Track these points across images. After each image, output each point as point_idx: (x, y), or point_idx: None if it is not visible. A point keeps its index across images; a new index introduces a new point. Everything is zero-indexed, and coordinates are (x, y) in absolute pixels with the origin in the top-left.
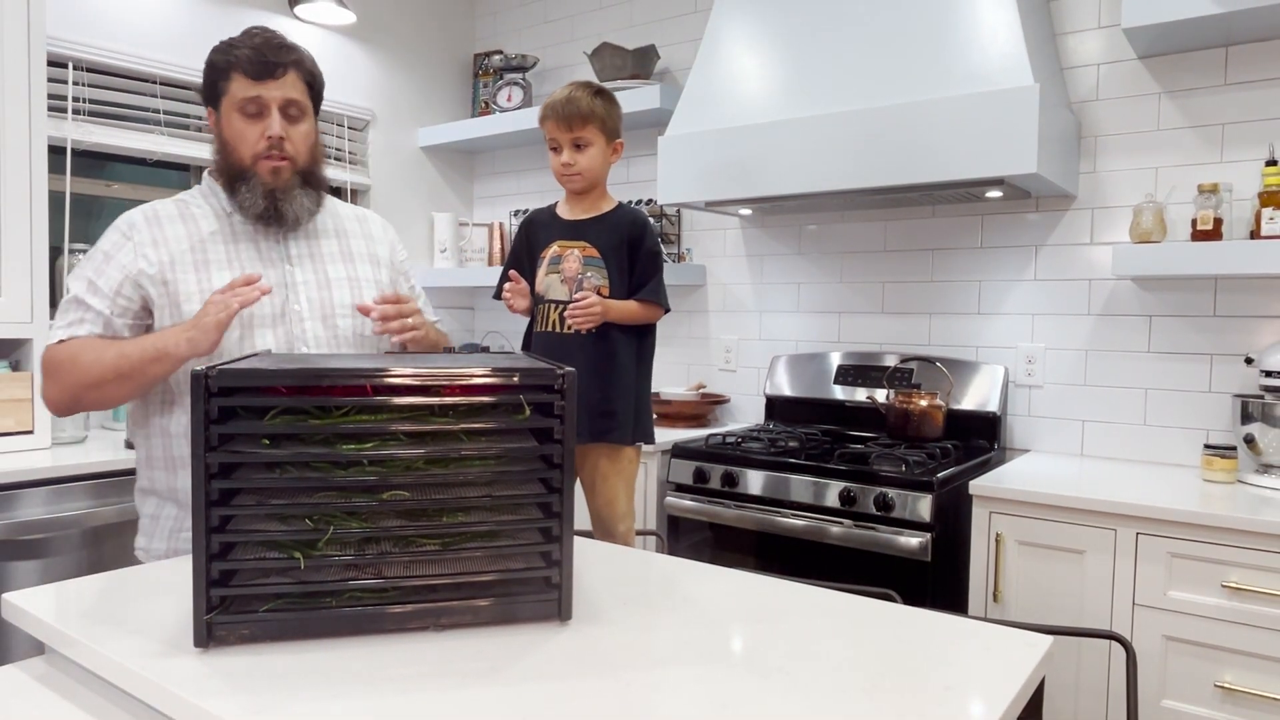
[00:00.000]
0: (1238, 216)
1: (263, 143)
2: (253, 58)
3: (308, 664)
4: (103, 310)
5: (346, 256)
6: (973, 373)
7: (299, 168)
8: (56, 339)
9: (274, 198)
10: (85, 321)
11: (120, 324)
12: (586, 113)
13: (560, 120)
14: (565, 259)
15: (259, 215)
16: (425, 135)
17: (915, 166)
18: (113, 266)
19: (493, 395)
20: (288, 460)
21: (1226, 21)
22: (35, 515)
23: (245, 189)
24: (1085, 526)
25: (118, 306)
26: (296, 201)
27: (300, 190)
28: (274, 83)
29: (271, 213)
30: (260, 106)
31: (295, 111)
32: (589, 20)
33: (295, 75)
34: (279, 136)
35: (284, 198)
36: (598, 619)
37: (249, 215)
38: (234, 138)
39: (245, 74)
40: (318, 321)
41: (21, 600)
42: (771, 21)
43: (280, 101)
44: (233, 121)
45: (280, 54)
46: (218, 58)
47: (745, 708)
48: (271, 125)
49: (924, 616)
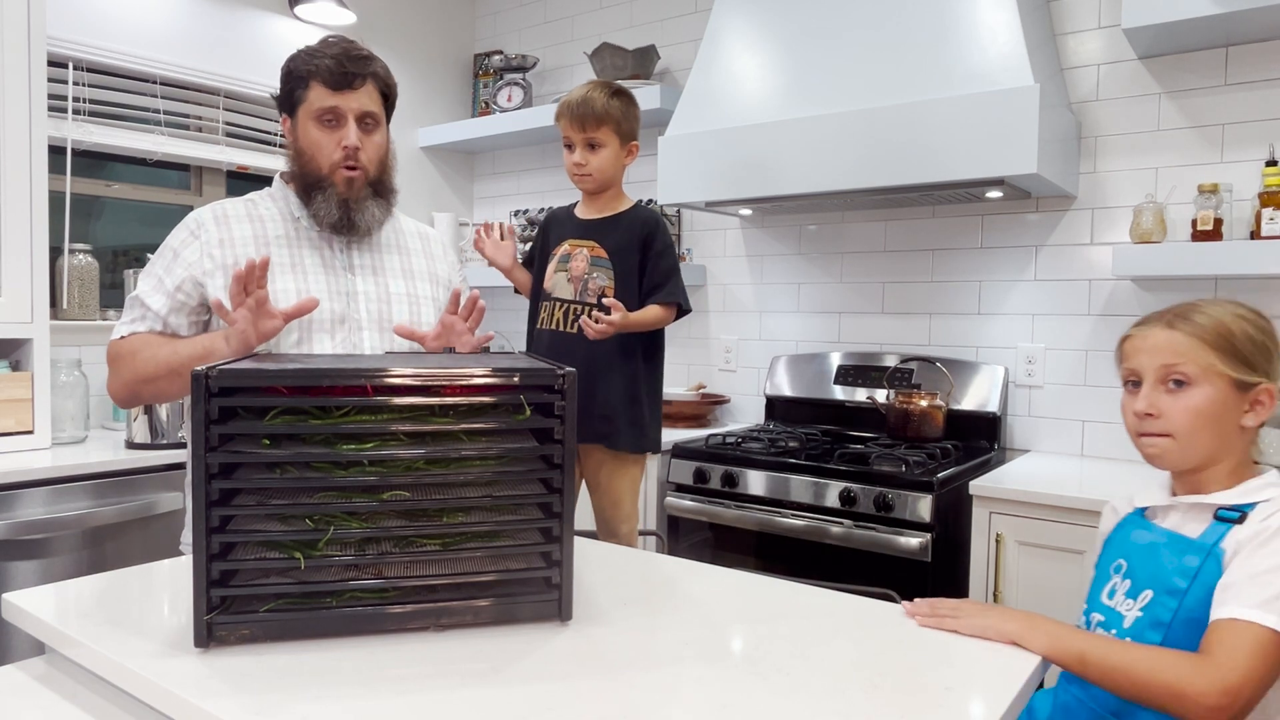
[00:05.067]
0: (1238, 217)
1: (339, 153)
2: (333, 68)
3: (308, 664)
4: (160, 310)
5: (408, 273)
6: (973, 373)
7: (370, 178)
8: (119, 334)
9: (347, 207)
10: (146, 319)
11: (176, 322)
12: (601, 113)
13: (574, 119)
14: (573, 258)
15: (333, 224)
16: (425, 135)
17: (915, 167)
18: (179, 264)
19: (493, 395)
20: (288, 460)
21: (1226, 21)
22: (35, 515)
23: (321, 198)
24: (1085, 526)
25: (176, 303)
26: (368, 211)
27: (372, 200)
28: (352, 93)
29: (345, 222)
30: (337, 117)
31: (370, 122)
32: (589, 20)
33: (372, 86)
34: (355, 147)
35: (357, 208)
36: (598, 619)
37: (323, 224)
38: (310, 146)
39: (324, 83)
40: (375, 331)
41: (21, 600)
42: (771, 22)
43: (357, 113)
44: (309, 130)
45: (359, 65)
46: (297, 66)
47: (745, 708)
48: (348, 136)
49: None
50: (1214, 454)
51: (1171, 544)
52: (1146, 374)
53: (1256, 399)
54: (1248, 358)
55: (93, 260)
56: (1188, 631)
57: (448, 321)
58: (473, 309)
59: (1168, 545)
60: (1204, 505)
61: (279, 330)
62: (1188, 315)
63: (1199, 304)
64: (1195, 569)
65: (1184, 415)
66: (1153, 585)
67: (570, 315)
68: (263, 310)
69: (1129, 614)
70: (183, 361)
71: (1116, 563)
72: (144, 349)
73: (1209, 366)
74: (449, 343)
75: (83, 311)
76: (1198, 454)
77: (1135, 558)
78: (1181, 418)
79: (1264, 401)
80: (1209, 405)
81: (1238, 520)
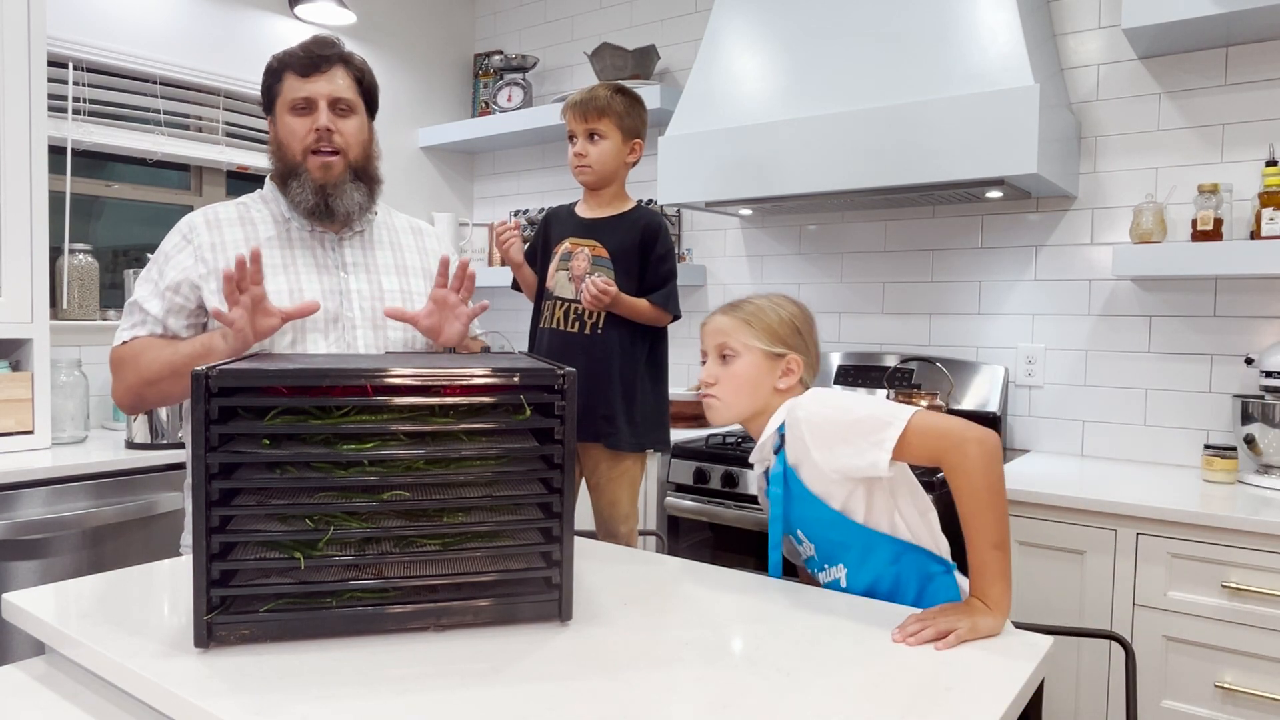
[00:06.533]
0: (1238, 217)
1: (311, 135)
2: (300, 55)
3: (308, 664)
4: (158, 314)
5: (400, 269)
6: (973, 373)
7: (350, 162)
8: (120, 340)
9: (324, 193)
10: (145, 323)
11: (175, 324)
12: (603, 106)
13: (577, 111)
14: (575, 256)
15: (309, 211)
16: (425, 135)
17: (915, 167)
18: (172, 267)
19: (493, 395)
20: (288, 460)
21: (1226, 22)
22: (35, 515)
23: (296, 185)
24: (1085, 527)
25: (174, 305)
26: (347, 196)
27: (351, 185)
28: (321, 78)
29: (322, 208)
30: (309, 103)
31: (344, 107)
32: (589, 20)
33: (343, 71)
34: (326, 128)
35: (334, 193)
36: (598, 619)
37: (300, 211)
38: (286, 135)
39: (295, 72)
40: (369, 329)
41: (21, 600)
42: (772, 22)
43: (329, 97)
44: (285, 120)
45: (325, 48)
46: (272, 62)
47: (745, 708)
48: (319, 118)
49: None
50: (756, 409)
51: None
52: (710, 351)
53: (787, 367)
54: (779, 335)
55: (93, 260)
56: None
57: (438, 297)
58: (463, 277)
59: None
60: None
61: (276, 328)
62: (738, 305)
63: (750, 297)
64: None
65: (729, 380)
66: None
67: (572, 315)
68: (260, 308)
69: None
70: (184, 360)
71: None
72: (145, 352)
73: (746, 343)
74: (441, 321)
75: (83, 311)
76: (740, 410)
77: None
78: (728, 382)
79: (792, 369)
80: (746, 370)
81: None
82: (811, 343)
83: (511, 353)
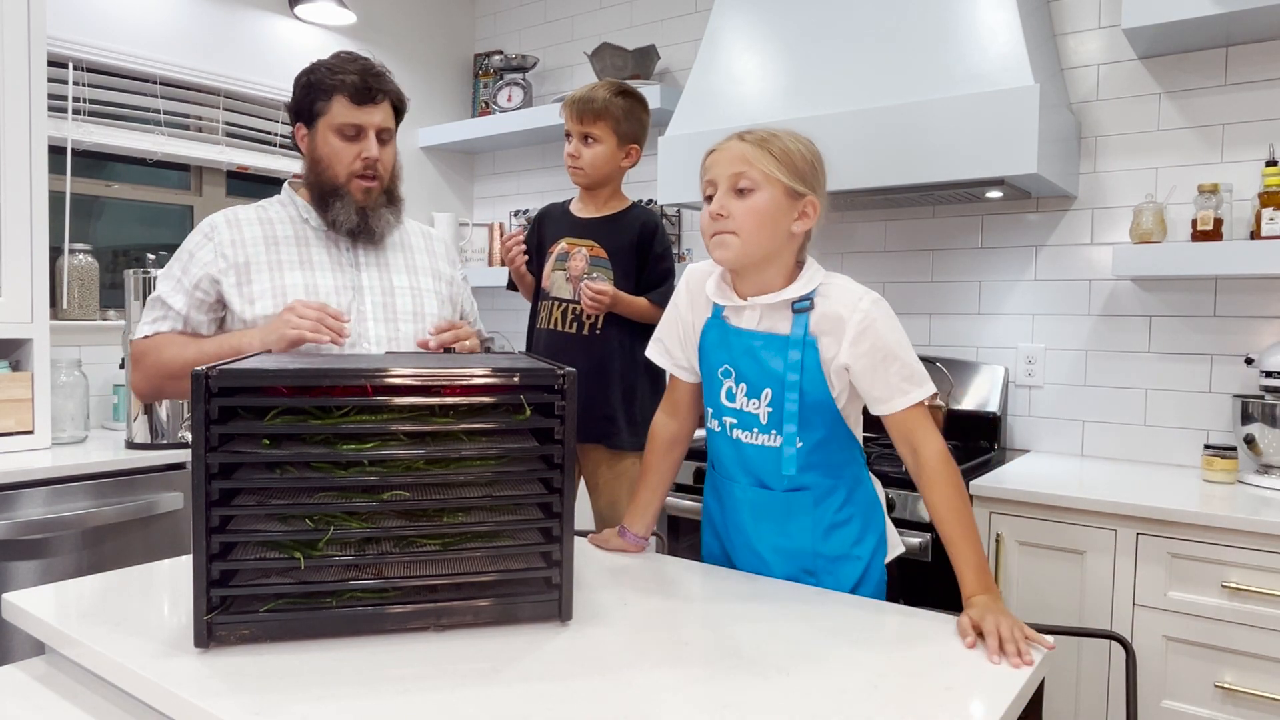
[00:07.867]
0: (1238, 217)
1: (358, 163)
2: (357, 84)
3: (308, 664)
4: (181, 310)
5: (411, 269)
6: (973, 373)
7: (384, 187)
8: (142, 334)
9: (365, 215)
10: (167, 319)
11: (197, 319)
12: (600, 109)
13: (574, 111)
14: (572, 256)
15: (351, 230)
16: (425, 135)
17: (915, 167)
18: (195, 264)
19: (493, 395)
20: (288, 460)
21: (1226, 22)
22: (35, 515)
23: (340, 205)
24: (1085, 527)
25: (195, 300)
26: (383, 219)
27: (386, 208)
28: (374, 108)
29: (363, 228)
30: (359, 130)
31: (386, 136)
32: (589, 20)
33: (388, 102)
34: (375, 159)
35: (374, 215)
36: (598, 619)
37: (340, 229)
38: (329, 156)
39: (349, 98)
40: (380, 323)
41: (21, 600)
42: (771, 22)
43: (377, 127)
44: (329, 141)
45: (381, 82)
46: (321, 79)
47: (745, 708)
48: (369, 148)
49: (924, 616)
50: (770, 253)
51: (769, 343)
52: (721, 182)
53: (804, 210)
54: (801, 172)
55: (93, 260)
56: (814, 414)
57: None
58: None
59: (766, 345)
60: (780, 303)
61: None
62: (755, 132)
63: (765, 125)
64: (800, 361)
65: (747, 215)
66: (769, 384)
67: (570, 315)
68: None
69: (760, 411)
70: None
71: (724, 368)
72: (169, 346)
73: (768, 174)
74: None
75: (83, 311)
76: (757, 250)
77: (741, 361)
78: (746, 217)
79: (809, 213)
80: (767, 206)
81: (809, 308)
82: (825, 187)
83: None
